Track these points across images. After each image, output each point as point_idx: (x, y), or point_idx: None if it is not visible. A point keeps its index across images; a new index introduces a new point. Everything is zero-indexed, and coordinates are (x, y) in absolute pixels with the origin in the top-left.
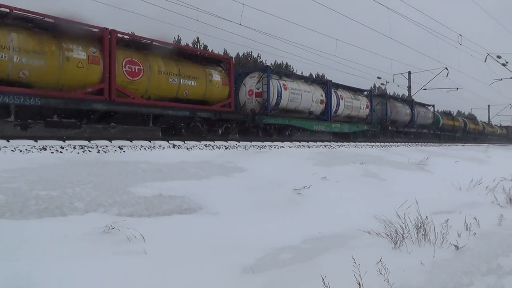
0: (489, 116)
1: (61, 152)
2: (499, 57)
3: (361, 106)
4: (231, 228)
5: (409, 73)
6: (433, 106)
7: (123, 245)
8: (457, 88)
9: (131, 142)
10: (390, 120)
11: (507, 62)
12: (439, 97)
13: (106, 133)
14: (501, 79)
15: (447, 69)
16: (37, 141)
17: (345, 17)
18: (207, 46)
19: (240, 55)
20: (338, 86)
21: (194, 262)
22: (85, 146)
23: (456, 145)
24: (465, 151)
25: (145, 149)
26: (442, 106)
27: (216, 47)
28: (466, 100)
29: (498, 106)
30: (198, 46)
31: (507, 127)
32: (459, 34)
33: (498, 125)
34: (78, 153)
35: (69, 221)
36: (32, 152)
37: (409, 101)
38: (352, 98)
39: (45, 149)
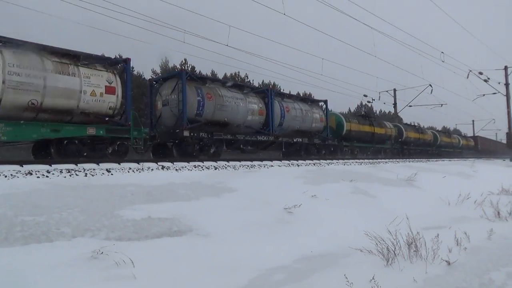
0: (473, 131)
1: (47, 176)
2: (480, 73)
3: (83, 90)
4: (223, 249)
5: (395, 90)
6: (325, 101)
7: (111, 270)
8: (442, 105)
9: (119, 164)
10: (204, 120)
11: (488, 78)
12: (425, 114)
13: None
14: (484, 94)
15: (431, 86)
16: (22, 166)
17: (331, 37)
18: (194, 67)
19: (228, 75)
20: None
21: (185, 285)
22: (72, 169)
23: (443, 160)
24: (452, 166)
25: (133, 171)
26: (428, 123)
27: (203, 68)
28: (451, 116)
29: (483, 121)
30: (186, 67)
31: (475, 138)
32: (441, 52)
33: (463, 134)
34: (65, 177)
35: (56, 247)
36: (18, 177)
37: (262, 91)
38: (43, 69)
39: (31, 174)
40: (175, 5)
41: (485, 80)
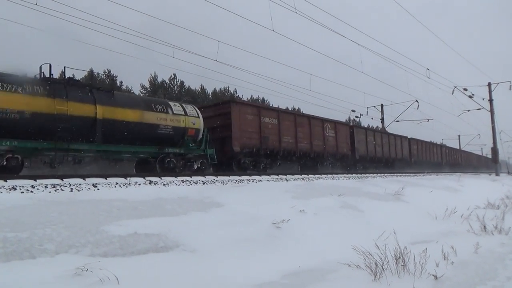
0: (459, 146)
1: (31, 191)
2: (465, 89)
3: None
4: (209, 265)
5: (382, 105)
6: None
7: (95, 287)
8: (428, 120)
9: (106, 179)
10: None
11: (473, 94)
12: (412, 129)
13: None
14: (469, 110)
15: (417, 101)
16: (6, 181)
17: (319, 53)
18: (183, 82)
19: (217, 90)
20: None
21: None
22: (57, 184)
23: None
24: (439, 180)
25: (120, 186)
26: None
27: (192, 83)
28: (437, 131)
29: (468, 136)
30: (175, 83)
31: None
32: (427, 68)
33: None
34: (50, 192)
35: (39, 264)
36: (1, 192)
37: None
38: None
39: (15, 189)
40: (165, 20)
41: (470, 96)
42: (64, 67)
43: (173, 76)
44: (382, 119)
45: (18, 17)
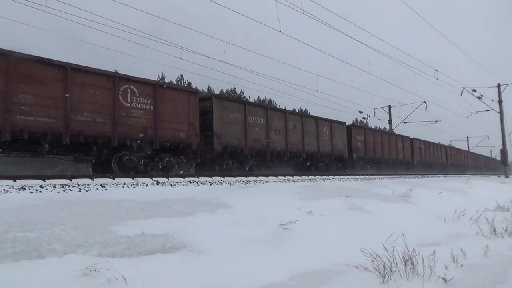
0: (468, 148)
1: (40, 191)
2: (474, 90)
3: None
4: (216, 267)
5: (389, 107)
6: None
7: (103, 287)
8: (436, 121)
9: (114, 180)
10: None
11: (482, 96)
12: (420, 130)
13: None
14: (478, 111)
15: (425, 102)
16: (15, 181)
17: (326, 54)
18: (191, 83)
19: (224, 91)
20: None
21: None
22: (65, 185)
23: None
24: (447, 182)
25: (128, 186)
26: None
27: (199, 84)
28: (445, 132)
29: (477, 137)
30: (182, 83)
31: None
32: (435, 69)
33: None
34: (58, 192)
35: (47, 264)
36: (10, 192)
37: None
38: None
39: (24, 189)
40: (172, 21)
41: (479, 97)
42: None
43: (180, 77)
44: (390, 121)
45: (20, 17)
